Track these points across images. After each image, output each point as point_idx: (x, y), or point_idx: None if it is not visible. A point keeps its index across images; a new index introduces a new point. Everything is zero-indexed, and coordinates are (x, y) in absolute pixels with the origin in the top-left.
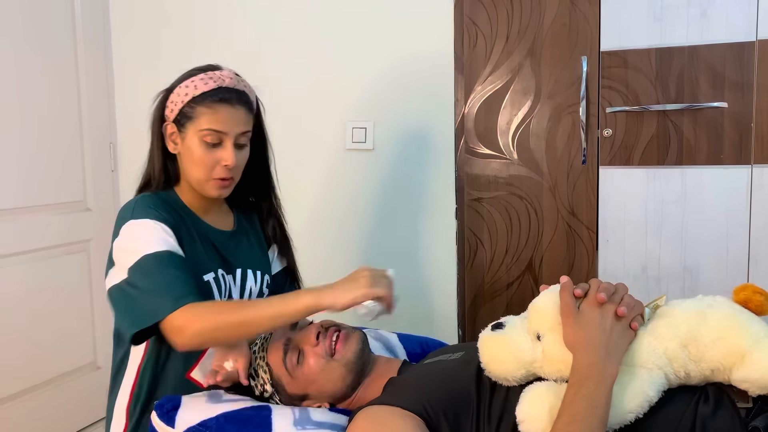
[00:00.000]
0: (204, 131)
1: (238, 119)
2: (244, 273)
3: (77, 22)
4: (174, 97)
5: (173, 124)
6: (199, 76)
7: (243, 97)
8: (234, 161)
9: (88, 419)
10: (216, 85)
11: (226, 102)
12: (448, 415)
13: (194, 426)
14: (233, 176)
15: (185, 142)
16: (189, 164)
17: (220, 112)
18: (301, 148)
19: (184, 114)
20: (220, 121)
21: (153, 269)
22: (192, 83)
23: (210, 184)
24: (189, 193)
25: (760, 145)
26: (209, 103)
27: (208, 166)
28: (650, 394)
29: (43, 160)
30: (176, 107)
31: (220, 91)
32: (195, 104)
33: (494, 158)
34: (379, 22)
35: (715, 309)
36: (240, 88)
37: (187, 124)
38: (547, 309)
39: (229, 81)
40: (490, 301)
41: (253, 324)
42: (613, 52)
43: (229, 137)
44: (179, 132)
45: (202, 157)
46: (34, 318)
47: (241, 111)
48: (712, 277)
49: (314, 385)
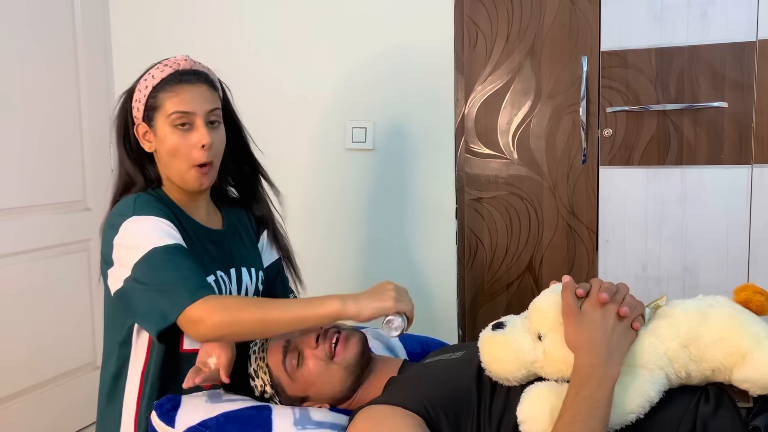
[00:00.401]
0: (172, 115)
1: (202, 96)
2: (239, 271)
3: (77, 22)
4: (136, 95)
5: (144, 123)
6: (154, 67)
7: (202, 76)
8: (209, 140)
9: (88, 419)
10: (172, 70)
11: (186, 82)
12: (448, 414)
13: (194, 426)
14: (212, 160)
15: (158, 134)
16: (167, 157)
17: (182, 92)
18: (302, 148)
19: (150, 107)
20: (185, 101)
21: (163, 262)
22: (149, 75)
23: (191, 173)
24: (177, 192)
25: (760, 145)
26: (170, 87)
27: (185, 151)
28: (651, 395)
29: (44, 159)
30: (141, 104)
31: (177, 74)
32: (157, 93)
33: (494, 158)
34: (380, 22)
35: (716, 309)
36: (197, 68)
37: (155, 116)
38: (548, 309)
39: (184, 63)
40: (490, 300)
41: (275, 323)
42: (613, 51)
43: (198, 116)
44: (150, 128)
45: (177, 144)
46: (34, 318)
47: (203, 88)
48: (712, 277)
49: (314, 387)
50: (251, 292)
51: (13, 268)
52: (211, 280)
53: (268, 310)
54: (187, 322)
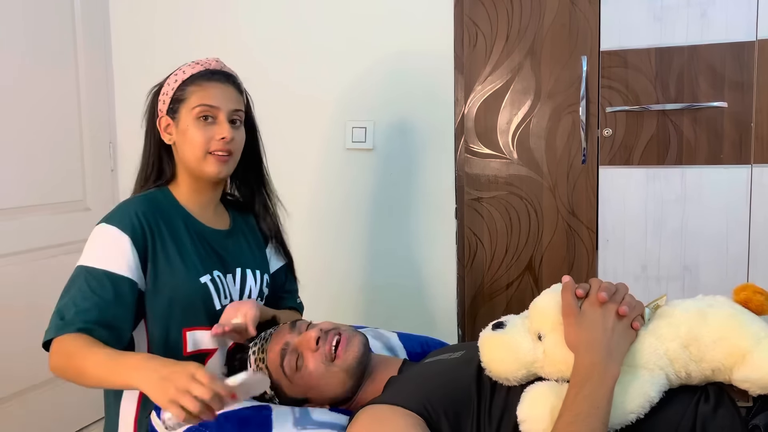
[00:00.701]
0: (197, 108)
1: (228, 96)
2: (244, 273)
3: (77, 22)
4: (165, 89)
5: (167, 117)
6: (185, 65)
7: (231, 78)
8: (230, 134)
9: (87, 419)
10: (203, 68)
11: (215, 80)
12: (448, 414)
13: (194, 426)
14: (232, 151)
15: (180, 126)
16: (185, 147)
17: (209, 88)
18: (302, 148)
19: (176, 99)
20: (211, 96)
21: (75, 283)
22: (180, 71)
23: (208, 159)
24: (186, 189)
25: (760, 144)
26: (199, 82)
27: (204, 140)
28: (651, 395)
29: (43, 159)
30: (167, 97)
31: (207, 72)
32: (185, 86)
33: (494, 158)
34: (380, 22)
35: (716, 309)
36: (227, 70)
37: (180, 108)
38: (548, 309)
39: (215, 64)
40: (490, 300)
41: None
42: (613, 51)
43: (222, 112)
44: (173, 120)
45: (197, 134)
46: (34, 317)
47: (231, 89)
48: (711, 276)
49: (314, 389)
50: (254, 294)
51: (13, 267)
52: (207, 280)
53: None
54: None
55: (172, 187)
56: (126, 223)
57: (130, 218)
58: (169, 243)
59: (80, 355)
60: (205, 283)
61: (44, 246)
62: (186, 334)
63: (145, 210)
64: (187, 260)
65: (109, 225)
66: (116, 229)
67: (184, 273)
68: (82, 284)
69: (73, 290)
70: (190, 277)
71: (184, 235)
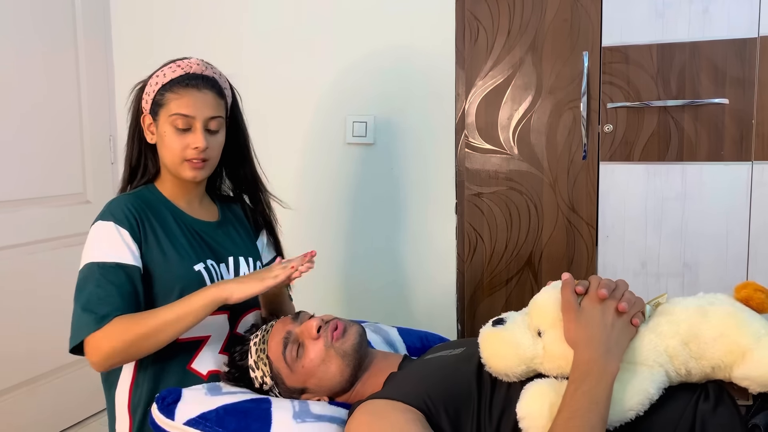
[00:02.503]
0: (173, 116)
1: (205, 103)
2: (237, 261)
3: (77, 14)
4: (147, 88)
5: (149, 115)
6: (168, 65)
7: (210, 82)
8: (203, 144)
9: (87, 411)
10: (183, 72)
11: (192, 87)
12: (448, 410)
13: (194, 418)
14: (206, 158)
15: (159, 129)
16: (163, 151)
17: (186, 96)
18: (302, 142)
19: (156, 102)
20: (187, 105)
21: (91, 280)
22: (162, 72)
23: (184, 166)
24: (170, 185)
25: (761, 141)
26: (176, 88)
27: (179, 149)
28: (651, 392)
29: (43, 152)
30: (149, 97)
31: (186, 77)
32: (164, 91)
33: (495, 153)
34: (380, 16)
35: (716, 306)
36: (208, 74)
37: (160, 112)
38: (548, 305)
39: (196, 67)
40: (490, 296)
41: (160, 331)
42: (614, 47)
43: (197, 121)
44: (154, 121)
45: (173, 142)
46: (34, 310)
47: (209, 95)
48: (711, 273)
49: (313, 378)
50: None
51: (13, 260)
52: (201, 267)
53: (148, 322)
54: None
55: (158, 183)
56: (121, 217)
57: (123, 212)
58: (161, 235)
59: (141, 323)
60: (199, 271)
61: (45, 239)
62: None
63: (134, 205)
64: (180, 250)
65: (106, 221)
66: (113, 224)
67: (178, 262)
68: (99, 279)
69: (91, 286)
70: (184, 265)
71: (174, 228)
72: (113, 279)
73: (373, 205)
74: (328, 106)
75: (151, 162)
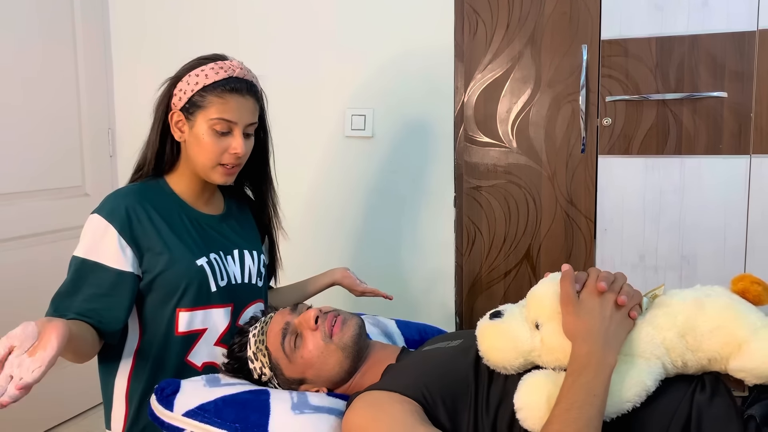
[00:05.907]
0: (214, 120)
1: (247, 109)
2: (242, 253)
3: (76, 7)
4: (182, 85)
5: (180, 113)
6: (209, 65)
7: (252, 88)
8: (243, 150)
9: (89, 403)
10: (227, 75)
11: (236, 92)
12: (446, 401)
13: (193, 409)
14: (241, 163)
15: (193, 130)
16: (196, 152)
17: (230, 101)
18: (301, 135)
19: (194, 103)
20: (230, 111)
21: (70, 272)
22: (202, 72)
23: (217, 170)
24: (187, 182)
25: (759, 135)
26: (220, 92)
27: (217, 153)
28: (648, 384)
29: (42, 145)
30: (185, 95)
31: (230, 81)
32: (205, 93)
33: (493, 146)
34: (380, 9)
35: (713, 299)
36: (249, 78)
37: (197, 113)
38: (546, 297)
39: (239, 71)
40: (488, 289)
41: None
42: (613, 40)
43: (238, 127)
44: (187, 120)
45: (211, 145)
46: (33, 303)
47: (251, 101)
48: (709, 266)
49: (312, 369)
50: (254, 273)
51: (12, 253)
52: (204, 262)
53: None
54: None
55: (169, 176)
56: (114, 215)
57: (118, 210)
58: (164, 229)
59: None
60: (201, 266)
61: (43, 231)
62: (179, 314)
63: (136, 200)
64: (184, 245)
65: (99, 216)
66: (105, 221)
67: (180, 257)
68: (73, 274)
69: (67, 279)
70: (186, 260)
71: (178, 222)
72: (88, 278)
73: (372, 198)
74: (327, 100)
75: (170, 156)
